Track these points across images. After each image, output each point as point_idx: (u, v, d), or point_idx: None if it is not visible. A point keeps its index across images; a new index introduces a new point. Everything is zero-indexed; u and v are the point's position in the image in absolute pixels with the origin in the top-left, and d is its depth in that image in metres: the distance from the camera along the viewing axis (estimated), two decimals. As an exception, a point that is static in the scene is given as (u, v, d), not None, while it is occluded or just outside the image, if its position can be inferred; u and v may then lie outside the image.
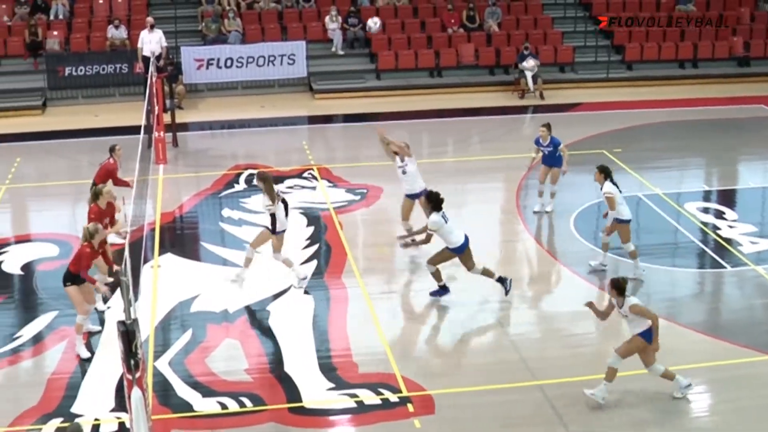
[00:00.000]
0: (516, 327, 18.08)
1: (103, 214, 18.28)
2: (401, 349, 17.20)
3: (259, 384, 16.14)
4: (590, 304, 15.88)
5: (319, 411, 15.44)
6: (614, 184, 19.64)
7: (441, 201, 18.40)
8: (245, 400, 15.64)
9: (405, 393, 15.75)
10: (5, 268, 20.76)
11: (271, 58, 35.09)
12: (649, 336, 15.11)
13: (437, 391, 15.79)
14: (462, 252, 18.46)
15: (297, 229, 22.12)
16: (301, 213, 23.21)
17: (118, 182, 21.07)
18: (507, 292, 18.91)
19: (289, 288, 19.42)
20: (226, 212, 23.43)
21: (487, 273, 18.87)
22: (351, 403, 15.56)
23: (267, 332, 17.88)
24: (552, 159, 23.00)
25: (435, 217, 18.23)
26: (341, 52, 36.69)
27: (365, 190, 24.80)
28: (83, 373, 16.54)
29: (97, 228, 16.68)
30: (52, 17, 37.10)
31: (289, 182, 25.44)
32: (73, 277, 16.72)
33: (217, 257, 21.06)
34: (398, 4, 38.15)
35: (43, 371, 16.89)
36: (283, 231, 19.22)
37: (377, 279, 20.01)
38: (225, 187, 25.32)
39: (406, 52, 36.26)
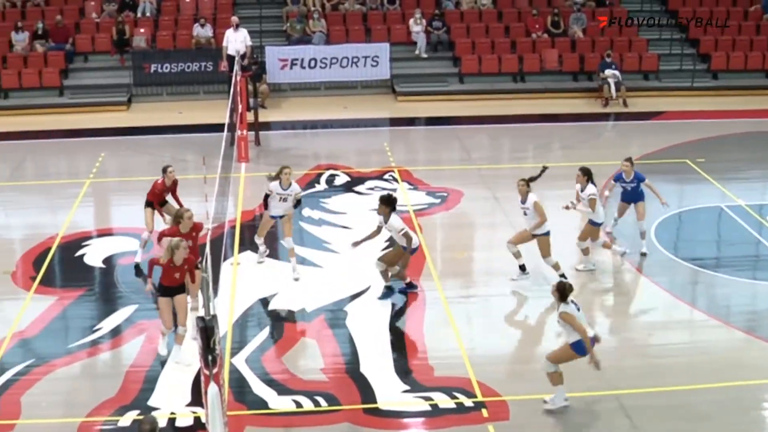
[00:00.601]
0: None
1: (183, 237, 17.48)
2: (477, 354, 17.13)
3: (334, 384, 16.17)
4: None
5: (394, 413, 15.42)
6: (594, 185, 20.04)
7: None
8: (320, 399, 15.68)
9: (480, 398, 15.69)
10: (87, 260, 21.02)
11: (355, 60, 35.19)
12: (580, 348, 15.00)
13: (512, 397, 15.71)
14: None
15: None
16: (381, 215, 23.24)
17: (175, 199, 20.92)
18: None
19: (367, 289, 19.45)
20: (306, 212, 23.50)
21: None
22: (425, 406, 15.52)
23: (344, 333, 17.90)
24: (635, 194, 21.36)
25: None
26: (425, 55, 36.67)
27: (446, 194, 24.75)
28: (161, 366, 16.70)
29: (179, 244, 16.51)
30: (139, 14, 37.56)
31: (369, 183, 25.47)
32: (179, 287, 16.57)
33: (296, 256, 21.16)
34: (483, 8, 38.06)
35: (121, 363, 17.09)
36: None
37: (455, 283, 19.97)
38: (306, 186, 25.38)
39: (490, 57, 36.15)
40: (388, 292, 19.23)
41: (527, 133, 31.57)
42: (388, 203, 18.95)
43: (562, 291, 15.13)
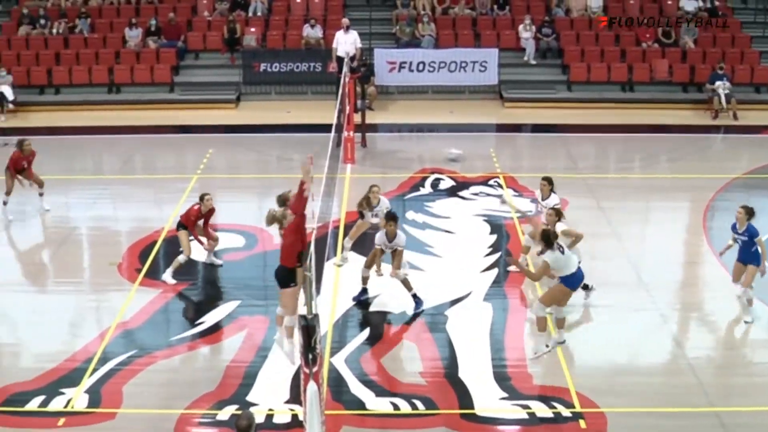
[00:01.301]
0: (694, 350, 17.59)
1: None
2: (577, 364, 16.98)
3: (432, 387, 16.13)
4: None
5: (491, 419, 15.34)
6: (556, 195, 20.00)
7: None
8: (417, 402, 15.65)
9: (578, 408, 15.54)
10: (192, 255, 21.23)
11: (463, 64, 35.14)
12: (570, 282, 16.34)
13: (610, 409, 15.51)
14: None
15: (479, 237, 22.10)
16: (485, 220, 23.16)
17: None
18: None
19: (468, 294, 19.38)
20: (410, 215, 23.50)
21: None
22: (523, 414, 15.42)
23: (443, 337, 17.85)
24: (746, 253, 18.49)
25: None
26: (533, 62, 36.47)
27: (550, 201, 24.54)
28: (261, 362, 16.83)
29: (285, 214, 16.59)
30: (250, 14, 37.94)
31: (474, 189, 25.39)
32: (292, 276, 16.39)
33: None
34: (593, 16, 37.74)
35: (221, 358, 17.27)
36: None
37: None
38: (410, 189, 25.42)
39: (599, 65, 35.83)
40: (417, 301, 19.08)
41: (634, 143, 31.24)
42: (395, 220, 18.92)
43: (547, 239, 16.37)
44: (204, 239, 20.62)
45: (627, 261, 20.96)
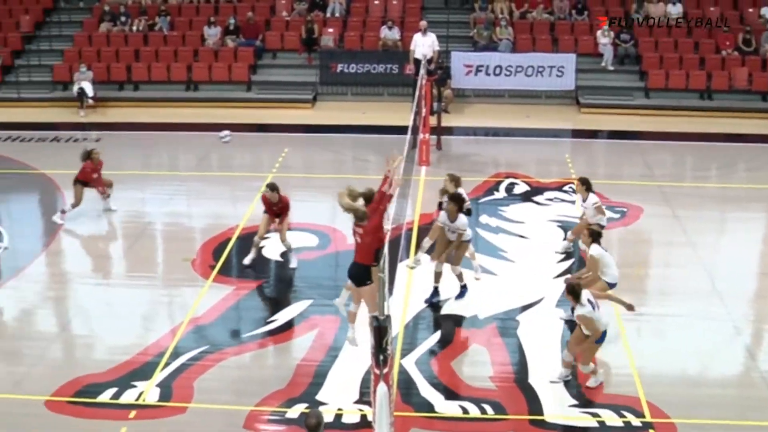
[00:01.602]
0: (768, 363, 17.46)
1: None
2: (648, 373, 16.75)
3: (502, 392, 16.06)
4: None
5: (560, 426, 15.26)
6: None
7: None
8: (487, 407, 15.60)
9: (648, 418, 15.37)
10: (266, 253, 21.35)
11: (540, 69, 34.98)
12: (601, 340, 15.93)
13: (681, 420, 15.33)
14: None
15: (553, 242, 21.99)
16: (559, 226, 23.03)
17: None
18: None
19: (540, 300, 19.29)
20: (484, 219, 23.45)
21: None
22: (592, 422, 15.30)
23: (514, 342, 17.77)
24: None
25: None
26: (611, 68, 36.23)
27: (625, 209, 24.34)
28: (332, 362, 16.87)
29: (358, 208, 16.05)
30: (328, 14, 38.10)
31: (548, 194, 25.26)
32: (369, 274, 15.84)
33: (469, 262, 21.08)
34: (672, 23, 37.36)
35: (292, 357, 17.34)
36: None
37: (629, 299, 19.53)
38: (485, 193, 25.35)
39: (677, 72, 35.48)
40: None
41: (712, 152, 30.87)
42: (456, 201, 18.95)
43: (575, 293, 15.66)
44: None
45: (701, 270, 20.73)
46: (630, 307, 16.65)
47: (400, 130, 25.22)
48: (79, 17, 39.38)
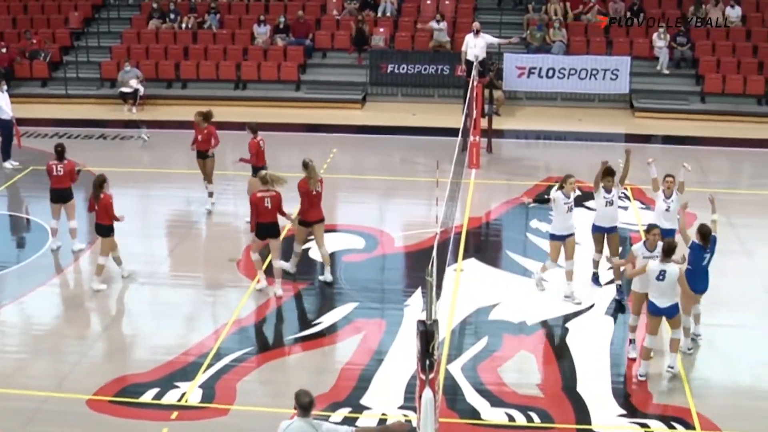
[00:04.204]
0: (826, 375, 17.21)
1: None
2: (699, 384, 16.64)
3: (549, 400, 15.98)
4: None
5: (608, 436, 15.21)
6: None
7: None
8: (533, 414, 15.53)
9: (699, 430, 15.25)
10: (312, 255, 21.35)
11: (594, 72, 34.76)
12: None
13: (733, 433, 15.28)
14: None
15: (604, 249, 21.83)
16: (610, 232, 22.89)
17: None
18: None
19: (591, 307, 19.16)
20: (534, 223, 23.37)
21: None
22: (640, 433, 15.25)
23: (562, 349, 17.68)
24: None
25: None
26: (666, 71, 35.98)
27: (677, 216, 24.09)
28: (377, 366, 16.85)
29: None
30: (379, 14, 38.12)
31: (600, 199, 25.09)
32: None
33: (519, 267, 21.02)
34: (731, 26, 37.05)
35: (336, 360, 17.37)
36: None
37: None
38: (536, 198, 25.23)
39: (735, 77, 35.14)
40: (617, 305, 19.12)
41: (769, 159, 30.65)
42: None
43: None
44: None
45: (757, 280, 20.53)
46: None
47: (451, 132, 25.21)
48: (128, 14, 39.71)
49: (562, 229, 19.29)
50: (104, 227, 19.94)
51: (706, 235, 16.81)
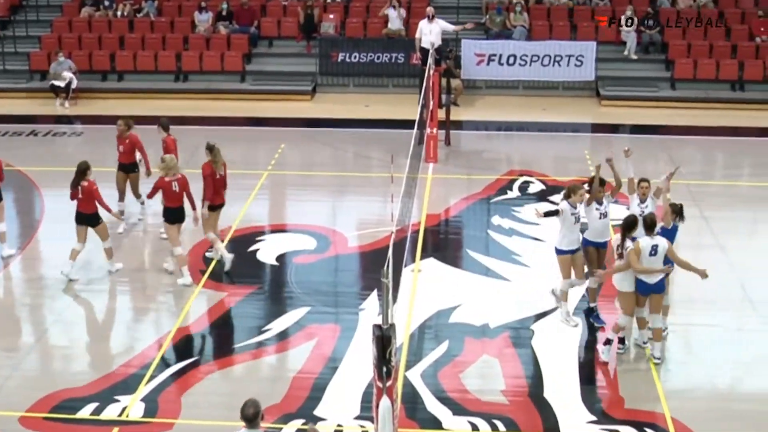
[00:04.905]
0: (804, 376, 17.39)
1: None
2: (673, 387, 16.78)
3: (514, 407, 16.03)
4: None
5: (578, 444, 15.29)
6: None
7: None
8: (498, 423, 15.56)
9: (673, 436, 15.42)
10: (260, 257, 21.34)
11: (558, 58, 34.98)
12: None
13: (708, 438, 15.39)
14: None
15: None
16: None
17: None
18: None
19: (557, 308, 19.24)
20: (496, 220, 23.45)
21: None
22: (612, 440, 15.34)
23: (528, 353, 17.74)
24: None
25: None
26: (634, 57, 36.21)
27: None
28: (331, 374, 16.85)
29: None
30: (329, -1, 38.05)
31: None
32: None
33: (481, 267, 21.09)
34: (702, 8, 37.28)
35: (287, 368, 17.35)
36: None
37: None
38: (497, 192, 25.34)
39: (707, 61, 35.41)
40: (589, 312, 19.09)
41: (744, 147, 30.91)
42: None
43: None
44: None
45: (732, 276, 20.70)
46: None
47: (406, 124, 25.26)
48: (58, 1, 39.43)
49: (570, 243, 18.71)
50: (86, 216, 20.25)
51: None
